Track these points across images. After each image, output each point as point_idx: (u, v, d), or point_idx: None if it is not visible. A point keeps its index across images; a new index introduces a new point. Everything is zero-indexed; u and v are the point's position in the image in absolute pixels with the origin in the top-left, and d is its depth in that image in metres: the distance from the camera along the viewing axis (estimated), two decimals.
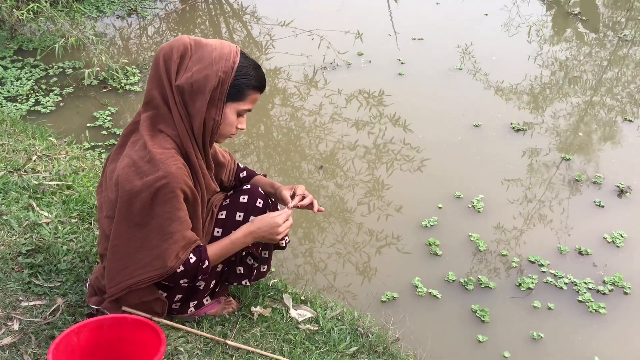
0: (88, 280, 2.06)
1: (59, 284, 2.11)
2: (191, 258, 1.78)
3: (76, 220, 2.46)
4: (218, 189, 1.96)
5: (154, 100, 1.74)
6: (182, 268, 1.76)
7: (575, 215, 3.25)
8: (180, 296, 1.95)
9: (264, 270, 2.11)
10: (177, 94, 1.71)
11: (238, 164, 2.16)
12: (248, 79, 1.76)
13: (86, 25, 4.64)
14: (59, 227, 2.35)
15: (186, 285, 1.88)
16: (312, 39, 5.15)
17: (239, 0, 5.95)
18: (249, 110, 1.83)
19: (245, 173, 2.16)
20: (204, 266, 1.81)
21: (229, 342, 1.96)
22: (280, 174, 3.58)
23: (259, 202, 2.00)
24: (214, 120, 1.75)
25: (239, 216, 1.97)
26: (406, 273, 2.86)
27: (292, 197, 2.00)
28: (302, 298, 2.27)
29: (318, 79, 4.55)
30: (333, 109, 4.17)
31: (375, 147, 3.81)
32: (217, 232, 1.97)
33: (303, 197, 2.01)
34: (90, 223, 2.48)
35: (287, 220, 1.91)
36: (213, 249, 1.85)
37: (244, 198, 2.00)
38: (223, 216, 1.98)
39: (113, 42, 5.11)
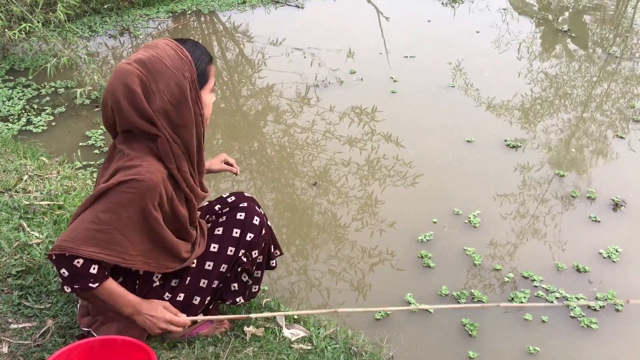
0: (79, 301, 2.03)
1: (49, 305, 2.08)
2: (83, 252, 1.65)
3: None
4: (208, 193, 1.95)
5: (131, 140, 1.72)
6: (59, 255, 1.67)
7: (572, 230, 3.25)
8: None
9: (255, 290, 2.10)
10: (161, 119, 1.69)
11: None
12: (202, 61, 1.78)
13: (78, 45, 4.64)
14: (50, 248, 2.33)
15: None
16: (304, 57, 5.18)
17: (231, 19, 5.99)
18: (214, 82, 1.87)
19: None
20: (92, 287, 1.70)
21: None
22: (273, 190, 3.58)
23: (256, 220, 2.01)
24: (200, 115, 1.78)
25: (236, 232, 1.98)
26: (400, 288, 2.85)
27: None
28: (295, 317, 2.25)
29: (310, 97, 4.57)
30: (326, 126, 4.19)
31: (367, 163, 3.81)
32: (214, 247, 1.97)
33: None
34: None
35: (177, 324, 1.85)
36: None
37: (241, 215, 2.01)
38: (220, 232, 1.99)
39: (106, 61, 5.12)
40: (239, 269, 2.02)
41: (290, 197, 3.53)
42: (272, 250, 2.18)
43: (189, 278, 1.92)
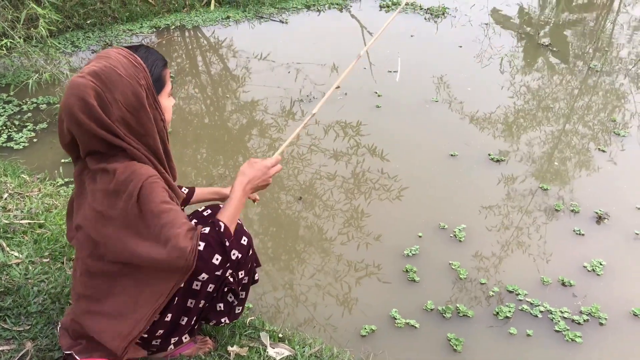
0: (59, 323, 1.99)
1: (28, 327, 2.04)
2: (204, 229, 1.76)
3: (48, 260, 2.40)
4: (184, 194, 1.97)
5: (104, 158, 1.70)
6: (203, 243, 1.75)
7: (556, 244, 3.27)
8: (162, 331, 1.91)
9: (239, 311, 2.07)
10: (122, 128, 1.68)
11: None
12: (157, 66, 1.77)
13: (61, 61, 4.61)
14: (30, 268, 2.29)
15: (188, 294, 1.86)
16: (289, 72, 5.19)
17: (215, 34, 5.99)
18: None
19: (185, 189, 2.20)
20: (221, 229, 1.79)
21: None
22: (258, 204, 3.56)
23: (244, 240, 1.99)
24: (162, 120, 1.77)
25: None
26: (386, 303, 2.85)
27: None
28: (280, 336, 2.23)
29: (295, 111, 4.57)
30: (311, 140, 4.18)
31: (353, 176, 3.81)
32: None
33: None
34: (63, 262, 2.42)
35: (275, 165, 1.99)
36: (223, 214, 1.84)
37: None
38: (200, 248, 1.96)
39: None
40: (226, 289, 2.00)
41: (275, 211, 3.51)
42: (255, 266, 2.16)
43: (176, 298, 1.90)
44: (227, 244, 1.81)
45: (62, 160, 3.80)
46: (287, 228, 3.39)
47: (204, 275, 1.83)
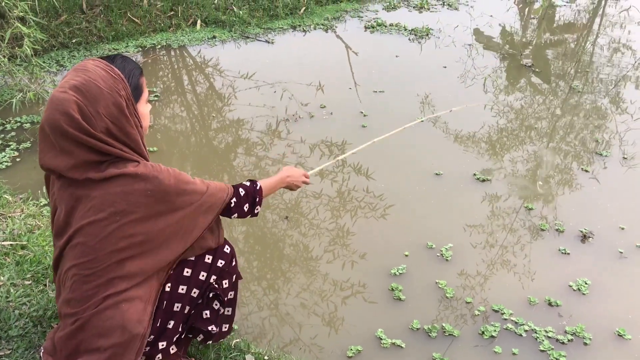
0: (42, 347, 1.96)
1: (9, 351, 2.00)
2: (243, 185, 2.08)
3: (30, 282, 2.36)
4: None
5: (86, 164, 1.72)
6: (242, 190, 2.04)
7: (542, 263, 3.28)
8: (151, 337, 1.91)
9: (226, 330, 2.08)
10: (106, 137, 1.71)
11: None
12: (134, 75, 1.82)
13: (45, 80, 4.59)
14: (12, 291, 2.25)
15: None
16: (275, 91, 5.20)
17: (201, 53, 6.00)
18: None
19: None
20: (257, 187, 2.10)
21: None
22: (244, 223, 3.54)
23: (227, 249, 2.08)
24: (140, 126, 1.83)
25: (208, 258, 2.02)
26: (372, 322, 2.84)
27: None
28: (266, 358, 2.21)
29: (281, 130, 4.58)
30: (297, 159, 4.19)
31: (339, 195, 3.81)
32: (187, 272, 1.98)
33: None
34: (45, 285, 2.39)
35: (307, 177, 2.39)
36: (263, 180, 2.18)
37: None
38: (192, 258, 2.00)
39: None
40: (211, 295, 2.04)
41: (261, 230, 3.50)
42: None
43: (164, 302, 1.94)
44: (257, 199, 2.09)
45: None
46: (272, 247, 3.37)
47: (234, 214, 2.04)
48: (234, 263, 2.11)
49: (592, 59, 6.45)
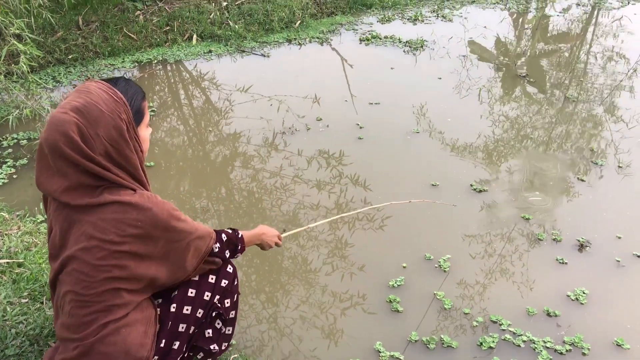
0: None
1: None
2: (225, 231, 2.07)
3: (27, 300, 2.35)
4: None
5: (80, 187, 1.71)
6: (225, 236, 2.04)
7: (540, 273, 3.29)
8: (156, 358, 1.90)
9: (224, 347, 2.09)
10: (105, 162, 1.71)
11: None
12: (136, 98, 1.82)
13: (42, 96, 4.60)
14: (8, 309, 2.24)
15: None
16: (271, 104, 5.22)
17: (197, 67, 6.03)
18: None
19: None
20: (239, 235, 2.11)
21: None
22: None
23: (229, 268, 2.11)
24: (141, 150, 1.83)
25: (211, 278, 2.04)
26: (371, 334, 2.84)
27: None
28: None
29: (278, 143, 4.59)
30: (294, 171, 4.20)
31: (337, 206, 3.82)
32: (191, 292, 1.99)
33: None
34: (42, 302, 2.38)
35: (280, 239, 2.40)
36: (244, 231, 2.18)
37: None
38: (196, 278, 2.02)
39: None
40: (214, 314, 2.05)
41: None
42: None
43: (169, 322, 1.94)
44: (240, 247, 2.11)
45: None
46: (270, 259, 3.37)
47: (218, 260, 2.02)
48: (236, 282, 2.13)
49: (587, 68, 6.49)
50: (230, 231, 2.09)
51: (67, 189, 1.70)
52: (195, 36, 6.50)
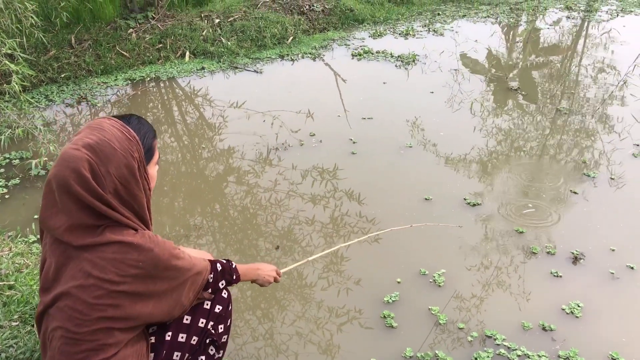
0: None
1: None
2: (220, 262, 2.08)
3: (17, 323, 2.33)
4: None
5: (82, 227, 1.70)
6: (219, 266, 2.05)
7: (535, 287, 3.28)
8: None
9: None
10: (113, 199, 1.70)
11: None
12: (148, 137, 1.83)
13: (34, 115, 4.60)
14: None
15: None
16: (264, 120, 5.23)
17: (190, 84, 6.04)
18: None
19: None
20: (233, 266, 2.11)
21: None
22: (237, 252, 3.53)
23: (224, 293, 2.11)
24: (149, 188, 1.83)
25: (207, 305, 2.04)
26: (366, 350, 2.82)
27: None
28: None
29: (272, 158, 4.59)
30: (288, 186, 4.20)
31: (332, 221, 3.81)
32: (187, 319, 1.99)
33: None
34: (33, 325, 2.36)
35: (278, 274, 2.36)
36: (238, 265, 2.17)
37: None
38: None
39: (63, 128, 5.07)
40: (207, 341, 2.05)
41: (254, 259, 3.48)
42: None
43: (164, 351, 1.93)
44: (235, 277, 2.11)
45: (35, 216, 3.74)
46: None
47: (210, 292, 2.04)
48: (230, 307, 2.13)
49: (578, 79, 6.55)
50: (224, 262, 2.10)
51: (69, 227, 1.68)
52: (188, 53, 6.53)
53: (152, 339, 1.93)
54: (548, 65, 7.09)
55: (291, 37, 7.11)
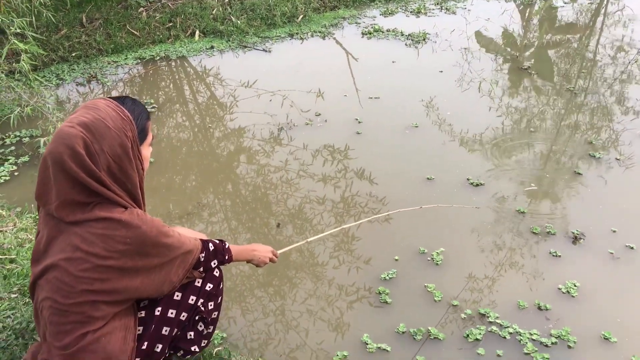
0: (22, 358, 2.01)
1: None
2: (212, 241, 2.11)
3: (16, 295, 2.42)
4: None
5: (73, 203, 1.74)
6: (212, 246, 2.07)
7: (533, 267, 3.28)
8: (138, 359, 1.95)
9: (204, 344, 2.13)
10: (106, 177, 1.75)
11: None
12: (142, 118, 1.87)
13: (45, 94, 4.67)
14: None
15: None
16: (270, 100, 5.24)
17: (202, 63, 6.07)
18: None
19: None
20: (226, 246, 2.13)
21: None
22: (248, 230, 3.59)
23: (216, 272, 2.15)
24: (142, 169, 1.88)
25: (198, 282, 2.08)
26: (360, 326, 2.87)
27: None
28: None
29: (276, 137, 4.61)
30: (293, 165, 4.22)
31: (342, 200, 3.84)
32: (177, 295, 2.03)
33: None
34: None
35: (275, 255, 2.38)
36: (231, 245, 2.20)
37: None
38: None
39: (76, 106, 5.14)
40: (197, 317, 2.10)
41: (265, 237, 3.52)
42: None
43: (153, 326, 1.97)
44: (227, 257, 2.13)
45: None
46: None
47: (202, 270, 2.06)
48: (221, 286, 2.17)
49: (589, 59, 6.43)
50: (217, 242, 2.13)
51: (62, 203, 1.74)
52: (197, 32, 6.54)
53: (142, 314, 1.99)
54: (564, 44, 6.96)
55: (301, 16, 7.08)
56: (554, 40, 7.12)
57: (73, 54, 5.82)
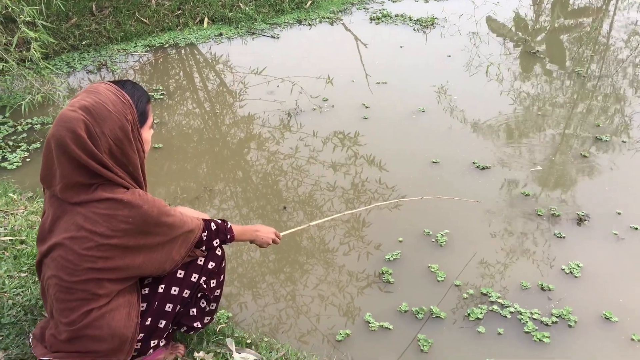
0: (31, 334, 2.08)
1: (1, 338, 2.12)
2: (215, 221, 2.13)
3: (26, 274, 2.49)
4: None
5: (77, 185, 1.80)
6: (214, 225, 2.10)
7: (537, 248, 3.29)
8: (142, 335, 2.01)
9: (207, 321, 2.18)
10: (108, 159, 1.80)
11: None
12: (142, 101, 1.92)
13: (55, 82, 4.74)
14: (7, 282, 2.38)
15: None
16: (278, 86, 5.27)
17: (211, 50, 6.11)
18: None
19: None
20: (228, 225, 2.16)
21: None
22: (259, 217, 3.63)
23: (218, 251, 2.18)
24: (143, 151, 1.93)
25: (200, 260, 2.11)
26: (363, 305, 2.91)
27: None
28: (248, 341, 2.29)
29: (283, 122, 4.65)
30: (299, 150, 4.25)
31: (353, 187, 3.87)
32: (180, 273, 2.07)
33: None
34: None
35: (278, 237, 2.40)
36: (234, 224, 2.22)
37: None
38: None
39: None
40: (199, 295, 2.14)
41: (277, 223, 3.57)
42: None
43: (156, 302, 2.03)
44: (229, 237, 2.16)
45: None
46: (289, 238, 3.41)
47: (204, 249, 2.10)
48: (223, 264, 2.21)
49: (609, 42, 6.36)
50: (219, 221, 2.17)
51: (66, 185, 1.80)
52: (206, 19, 6.58)
53: (146, 291, 2.04)
54: (576, 28, 6.90)
55: (310, 2, 7.08)
56: (566, 24, 7.06)
57: (83, 42, 5.89)
